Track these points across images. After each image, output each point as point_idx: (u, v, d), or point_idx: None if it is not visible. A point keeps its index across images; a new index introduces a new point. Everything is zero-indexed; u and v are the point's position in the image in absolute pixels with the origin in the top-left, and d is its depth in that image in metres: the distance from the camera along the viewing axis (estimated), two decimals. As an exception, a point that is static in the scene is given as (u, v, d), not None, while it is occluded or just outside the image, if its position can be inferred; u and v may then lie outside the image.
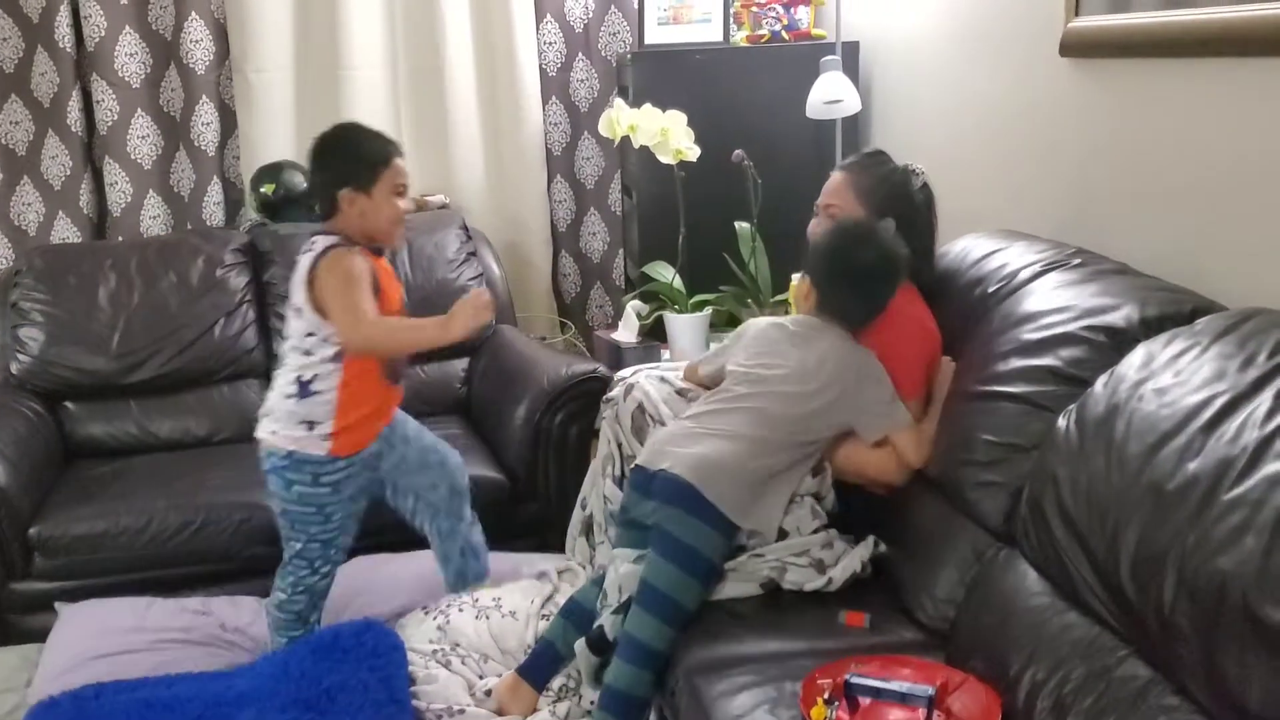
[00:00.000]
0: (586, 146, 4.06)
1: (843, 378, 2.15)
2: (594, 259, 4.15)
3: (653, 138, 3.09)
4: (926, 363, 2.26)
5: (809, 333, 2.20)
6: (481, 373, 3.39)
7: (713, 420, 2.15)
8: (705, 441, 2.11)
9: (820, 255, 2.25)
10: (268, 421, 2.40)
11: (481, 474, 2.95)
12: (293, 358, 2.37)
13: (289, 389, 2.36)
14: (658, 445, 2.18)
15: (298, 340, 2.36)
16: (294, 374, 2.35)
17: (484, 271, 3.51)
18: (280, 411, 2.37)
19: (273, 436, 2.38)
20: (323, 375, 2.34)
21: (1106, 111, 2.41)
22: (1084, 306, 2.01)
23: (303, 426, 2.35)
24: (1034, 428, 1.94)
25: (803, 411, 2.13)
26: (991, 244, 2.45)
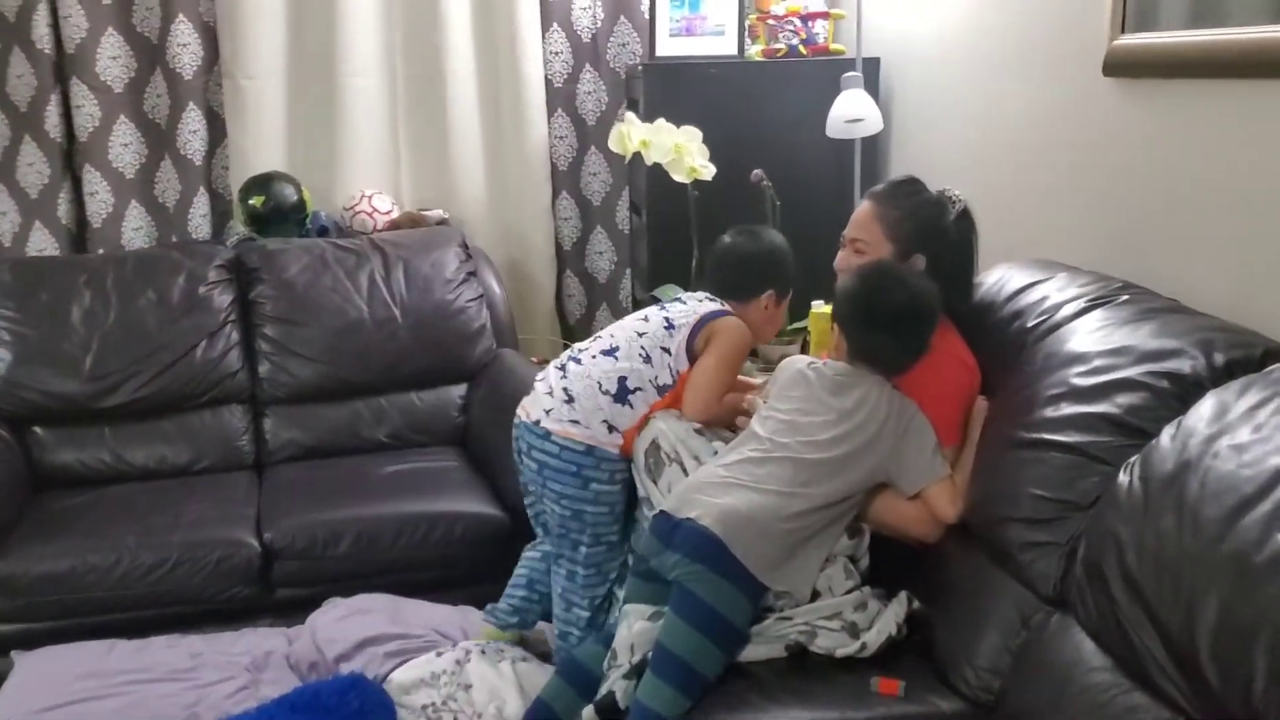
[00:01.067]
0: (593, 161, 3.89)
1: (883, 430, 1.98)
2: (600, 279, 3.98)
3: (666, 155, 2.92)
4: (966, 404, 2.08)
5: (846, 380, 2.03)
6: (481, 400, 3.20)
7: (746, 470, 1.97)
8: (736, 492, 1.94)
9: (846, 303, 2.09)
10: (565, 409, 2.25)
11: (479, 510, 2.77)
12: (631, 354, 2.26)
13: (609, 384, 2.24)
14: (686, 492, 2.00)
15: (652, 344, 2.27)
16: (621, 373, 2.24)
17: (484, 292, 3.33)
18: (588, 404, 2.24)
19: (574, 428, 2.23)
20: (645, 391, 2.24)
21: (1155, 136, 2.24)
22: (1142, 349, 1.83)
23: (604, 426, 2.23)
24: (1089, 482, 1.76)
25: (841, 465, 1.96)
26: (1029, 275, 2.27)
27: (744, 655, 1.92)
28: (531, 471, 2.29)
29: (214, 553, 2.60)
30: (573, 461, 2.23)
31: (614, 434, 2.23)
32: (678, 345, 2.26)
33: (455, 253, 3.34)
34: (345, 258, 3.25)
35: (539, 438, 2.26)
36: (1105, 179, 2.39)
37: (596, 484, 2.24)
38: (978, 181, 2.34)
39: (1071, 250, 2.43)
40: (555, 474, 2.25)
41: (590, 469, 2.23)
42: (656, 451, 2.16)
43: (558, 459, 2.24)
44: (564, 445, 2.23)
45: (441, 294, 3.24)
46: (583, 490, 2.24)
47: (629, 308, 3.95)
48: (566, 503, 2.26)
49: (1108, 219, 2.40)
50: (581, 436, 2.22)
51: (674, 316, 2.30)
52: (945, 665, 1.89)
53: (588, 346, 2.33)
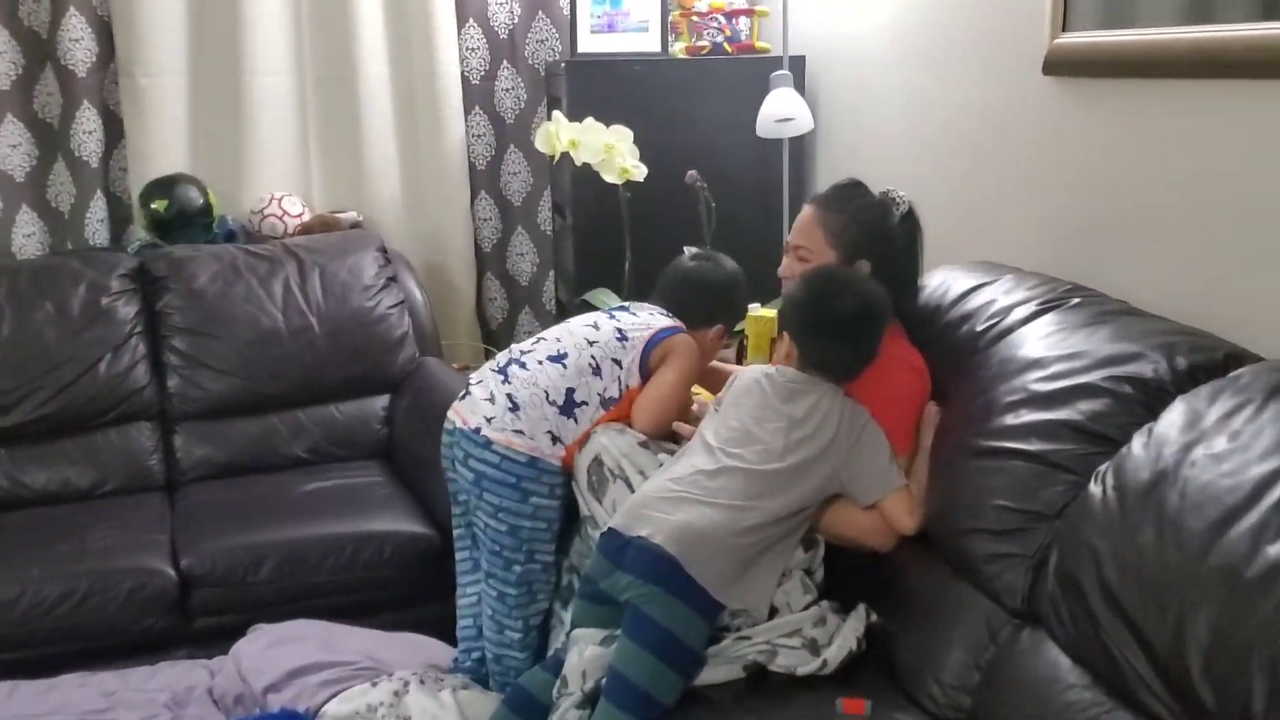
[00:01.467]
0: (513, 161, 3.78)
1: (836, 438, 1.92)
2: (522, 281, 3.88)
3: (596, 155, 2.82)
4: (918, 409, 2.04)
5: (799, 387, 1.97)
6: (405, 411, 3.07)
7: (697, 482, 1.89)
8: (689, 507, 1.86)
9: (794, 311, 2.03)
10: (509, 417, 2.12)
11: (408, 529, 2.65)
12: (581, 364, 2.16)
13: (556, 395, 2.13)
14: (636, 508, 1.91)
15: (603, 354, 2.17)
16: (570, 385, 2.14)
17: (405, 298, 3.20)
18: (533, 414, 2.12)
19: (517, 438, 2.11)
20: (591, 405, 2.14)
21: (1097, 135, 2.22)
22: (1100, 353, 1.80)
23: (547, 437, 2.12)
24: (1054, 491, 1.72)
25: (795, 476, 1.89)
26: (974, 278, 2.24)
27: (701, 678, 1.85)
28: (467, 482, 2.17)
29: (125, 582, 2.44)
30: (513, 473, 2.12)
31: (557, 445, 2.14)
32: (631, 359, 2.17)
33: (374, 257, 3.20)
34: (258, 264, 3.09)
35: (478, 446, 2.14)
36: (1047, 180, 2.37)
37: (537, 498, 2.14)
38: (913, 182, 2.30)
39: (1014, 252, 2.41)
40: (493, 485, 2.13)
41: (531, 481, 2.13)
42: (600, 468, 2.07)
43: (497, 469, 2.13)
44: (505, 455, 2.12)
45: (360, 301, 3.11)
46: (521, 504, 2.14)
47: (553, 311, 3.86)
48: (503, 516, 2.15)
49: (1051, 220, 2.38)
50: (524, 447, 2.12)
51: (626, 328, 2.21)
52: (909, 682, 1.84)
53: (532, 349, 2.22)
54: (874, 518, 1.95)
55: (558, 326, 2.30)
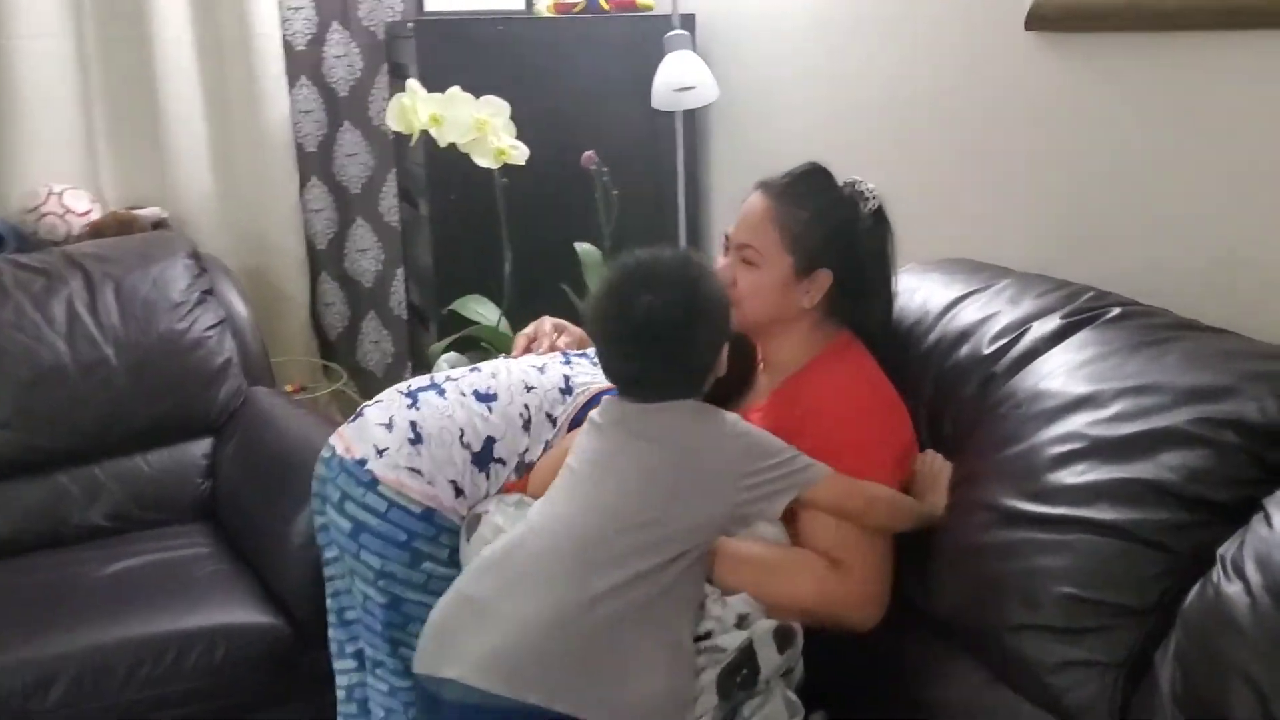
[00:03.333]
0: (349, 140, 3.19)
1: (704, 469, 1.45)
2: (365, 282, 3.29)
3: (465, 133, 2.28)
4: (893, 444, 1.60)
5: (640, 418, 1.49)
6: (232, 457, 2.46)
7: (507, 569, 1.40)
8: (496, 616, 1.36)
9: (595, 330, 1.53)
10: (407, 451, 1.62)
11: (246, 619, 2.07)
12: (511, 412, 1.68)
13: (472, 437, 1.65)
14: (436, 632, 1.42)
15: (538, 405, 1.69)
16: (492, 433, 1.66)
17: (226, 315, 2.58)
18: (439, 453, 1.63)
19: (412, 479, 1.60)
20: (507, 467, 1.66)
21: (1095, 102, 1.84)
22: (1178, 386, 1.38)
23: (450, 487, 1.62)
24: (1145, 576, 1.30)
25: (659, 516, 1.41)
26: (956, 283, 1.83)
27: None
28: (341, 533, 1.64)
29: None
30: (403, 526, 1.60)
31: (461, 500, 1.63)
32: (565, 415, 1.68)
33: (184, 265, 2.57)
34: (31, 280, 2.42)
35: (360, 485, 1.61)
36: (1034, 157, 1.96)
37: (431, 563, 1.62)
38: (845, 162, 1.83)
39: (991, 246, 1.99)
40: (375, 540, 1.60)
41: (426, 541, 1.61)
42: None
43: (383, 520, 1.60)
44: (394, 502, 1.60)
45: (169, 322, 2.47)
46: (410, 570, 1.61)
47: (403, 317, 3.29)
48: (385, 584, 1.62)
49: (1038, 207, 1.97)
50: (420, 493, 1.60)
51: (575, 378, 1.72)
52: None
53: (458, 377, 1.72)
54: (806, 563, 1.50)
55: (496, 360, 1.79)
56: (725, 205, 2.91)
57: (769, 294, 1.64)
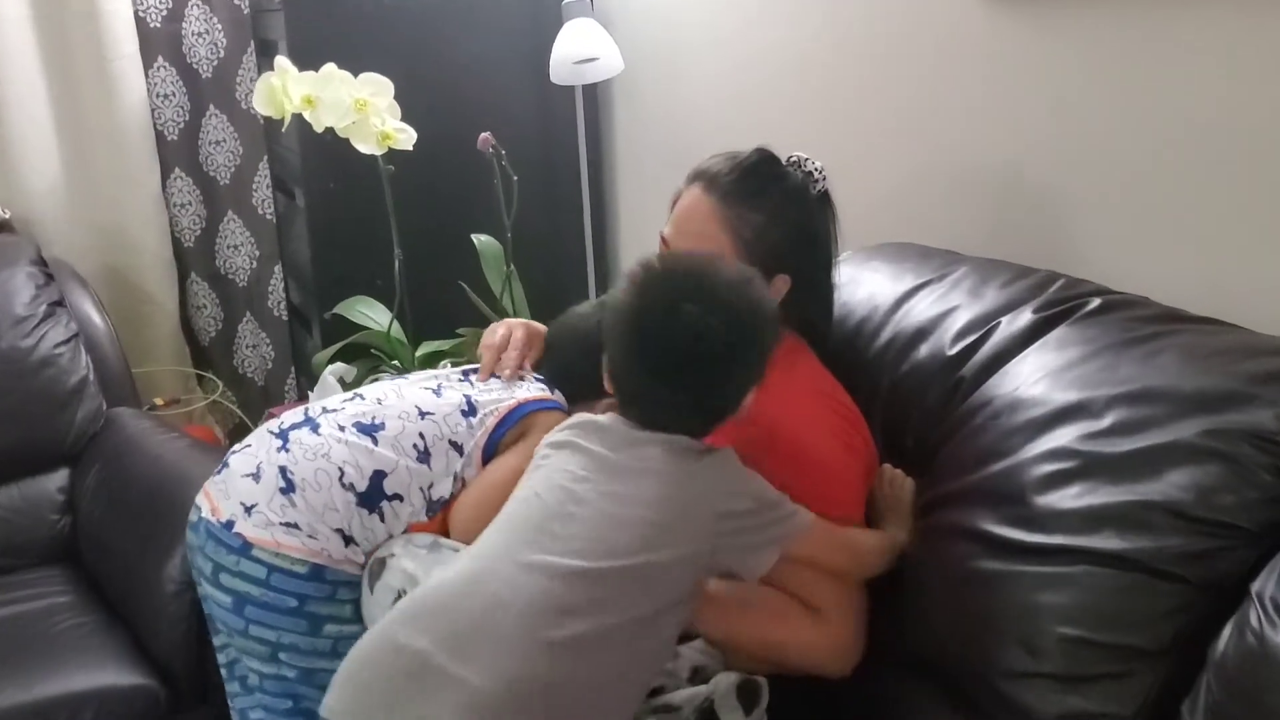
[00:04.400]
0: (215, 126, 2.89)
1: (687, 514, 1.22)
2: (239, 282, 3.00)
3: (344, 116, 2.02)
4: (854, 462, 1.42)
5: (627, 445, 1.26)
6: (93, 491, 2.16)
7: (455, 619, 1.15)
8: (446, 681, 1.11)
9: (617, 333, 1.28)
10: (278, 503, 1.38)
11: (113, 682, 1.80)
12: (403, 441, 1.42)
13: (355, 477, 1.40)
14: (360, 686, 1.17)
15: (437, 433, 1.44)
16: (380, 466, 1.41)
17: (80, 329, 2.28)
18: (315, 500, 1.38)
19: (288, 535, 1.36)
20: (408, 503, 1.41)
21: (1060, 70, 1.66)
22: (1180, 391, 1.22)
23: (337, 537, 1.38)
24: (1158, 611, 1.13)
25: (636, 560, 1.18)
26: (907, 272, 1.66)
27: None
28: (222, 608, 1.40)
29: None
30: (290, 590, 1.37)
31: (353, 549, 1.39)
32: (474, 446, 1.44)
33: (27, 273, 2.25)
34: None
35: (232, 552, 1.38)
36: (988, 130, 1.79)
37: (334, 625, 1.39)
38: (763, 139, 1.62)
39: (930, 229, 1.82)
40: (264, 612, 1.38)
41: (320, 603, 1.38)
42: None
43: (264, 587, 1.37)
44: (273, 565, 1.36)
45: (12, 340, 2.15)
46: (312, 637, 1.39)
47: (284, 317, 3.01)
48: (288, 658, 1.39)
49: (994, 187, 1.80)
50: (302, 550, 1.37)
51: (478, 399, 1.48)
52: None
53: (337, 409, 1.47)
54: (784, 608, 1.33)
55: (384, 383, 1.54)
56: (632, 188, 2.70)
57: None
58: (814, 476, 1.35)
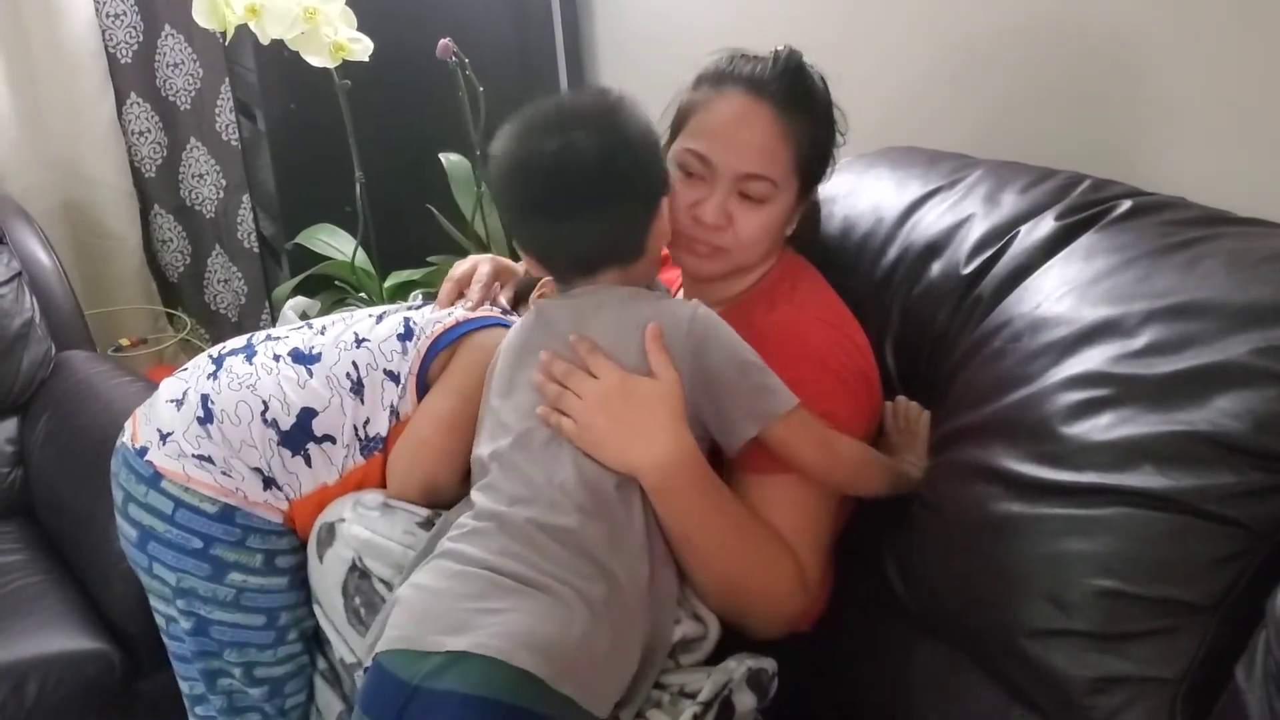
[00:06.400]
0: (172, 47, 2.71)
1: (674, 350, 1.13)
2: (206, 213, 2.84)
3: (292, 26, 1.84)
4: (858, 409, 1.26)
5: (579, 314, 1.16)
6: (45, 440, 2.02)
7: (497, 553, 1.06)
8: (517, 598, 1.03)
9: (503, 182, 1.18)
10: (194, 433, 1.27)
11: (66, 647, 1.68)
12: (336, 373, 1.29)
13: (279, 412, 1.27)
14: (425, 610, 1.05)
15: (371, 362, 1.30)
16: (308, 403, 1.27)
17: (23, 268, 2.13)
18: (233, 434, 1.27)
19: (200, 470, 1.25)
20: (340, 445, 1.28)
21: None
22: (1229, 305, 1.06)
23: (256, 477, 1.27)
24: (1208, 559, 0.98)
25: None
26: (912, 180, 1.49)
27: None
28: (130, 543, 1.31)
29: None
30: (195, 530, 1.26)
31: (273, 493, 1.27)
32: (410, 370, 1.29)
33: (-37, 211, 2.10)
34: None
35: (142, 481, 1.27)
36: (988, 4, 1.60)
37: (239, 573, 1.28)
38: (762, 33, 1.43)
39: (935, 128, 1.65)
40: (167, 550, 1.27)
41: (227, 547, 1.27)
42: (363, 582, 1.19)
43: (169, 523, 1.26)
44: (180, 500, 1.25)
45: (-53, 284, 2.02)
46: (213, 583, 1.28)
47: (255, 249, 2.85)
48: (185, 604, 1.29)
49: (1001, 75, 1.61)
50: (212, 488, 1.25)
51: (418, 319, 1.33)
52: None
53: (283, 336, 1.35)
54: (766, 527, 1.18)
55: (338, 313, 1.41)
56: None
57: (774, 234, 1.29)
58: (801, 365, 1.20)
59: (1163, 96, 1.37)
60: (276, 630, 1.32)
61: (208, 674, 1.33)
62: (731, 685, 1.09)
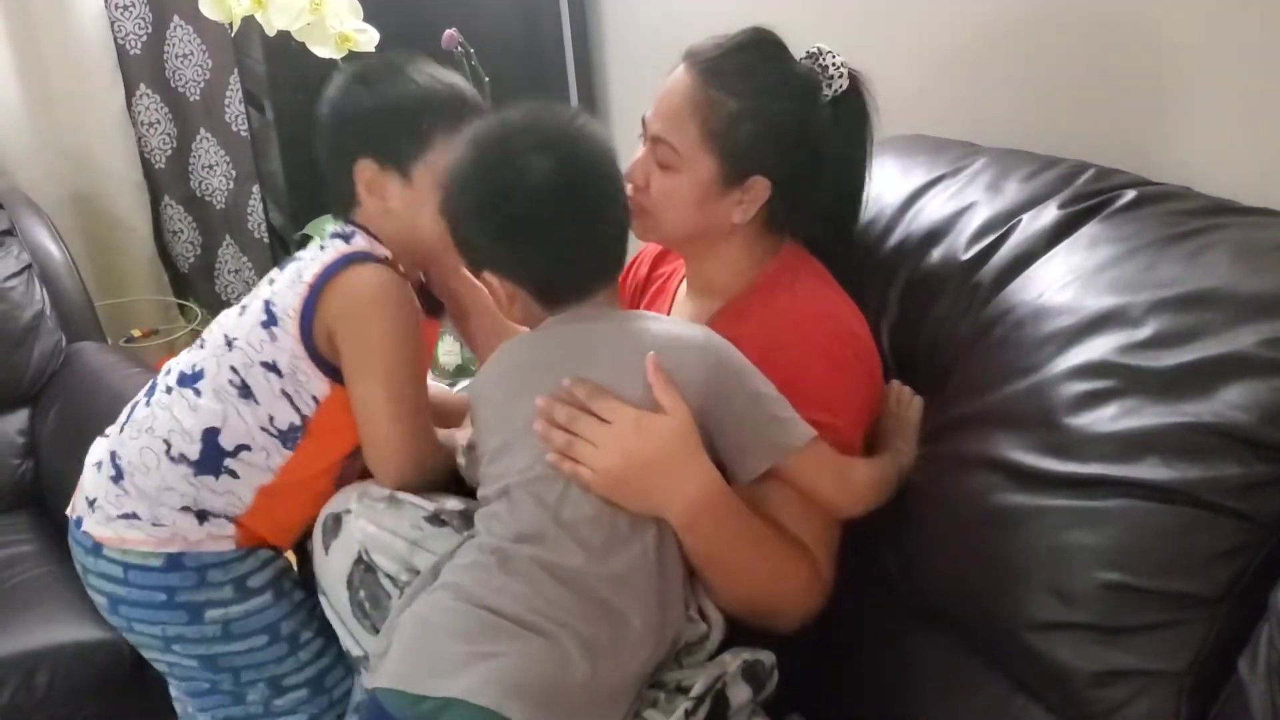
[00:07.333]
0: (181, 38, 2.71)
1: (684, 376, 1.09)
2: (217, 204, 2.85)
3: (297, 17, 1.83)
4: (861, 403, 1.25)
5: (581, 341, 1.13)
6: (55, 432, 2.03)
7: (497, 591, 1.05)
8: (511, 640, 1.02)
9: (466, 214, 1.13)
10: (113, 494, 1.27)
11: (70, 638, 1.69)
12: (220, 381, 1.25)
13: (183, 443, 1.25)
14: (422, 648, 1.05)
15: (249, 358, 1.24)
16: (208, 424, 1.24)
17: (34, 260, 2.13)
18: (146, 484, 1.25)
19: (130, 529, 1.25)
20: (257, 451, 1.25)
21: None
22: (1236, 294, 1.05)
23: (188, 517, 1.25)
24: (1214, 552, 0.98)
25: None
26: (916, 167, 1.50)
27: None
28: (104, 610, 1.32)
29: None
30: (152, 586, 1.26)
31: (212, 523, 1.26)
32: (291, 354, 1.24)
33: (-29, 203, 2.11)
34: None
35: (87, 552, 1.29)
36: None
37: (215, 609, 1.28)
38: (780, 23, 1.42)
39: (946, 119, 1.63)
40: (137, 610, 1.28)
41: (191, 590, 1.26)
42: (370, 576, 1.19)
43: (126, 584, 1.26)
44: (126, 563, 1.25)
45: (-44, 276, 2.03)
46: (197, 625, 1.28)
47: (265, 240, 2.85)
48: (182, 648, 1.29)
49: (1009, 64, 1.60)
50: (149, 542, 1.25)
51: (275, 297, 1.27)
52: None
53: (173, 362, 1.33)
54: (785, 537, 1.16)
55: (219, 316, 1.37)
56: (626, 85, 2.50)
57: (686, 206, 1.25)
58: (815, 409, 1.17)
59: (1171, 85, 1.36)
60: (284, 642, 1.32)
61: (236, 696, 1.33)
62: (726, 678, 1.08)
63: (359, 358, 1.23)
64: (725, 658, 1.11)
